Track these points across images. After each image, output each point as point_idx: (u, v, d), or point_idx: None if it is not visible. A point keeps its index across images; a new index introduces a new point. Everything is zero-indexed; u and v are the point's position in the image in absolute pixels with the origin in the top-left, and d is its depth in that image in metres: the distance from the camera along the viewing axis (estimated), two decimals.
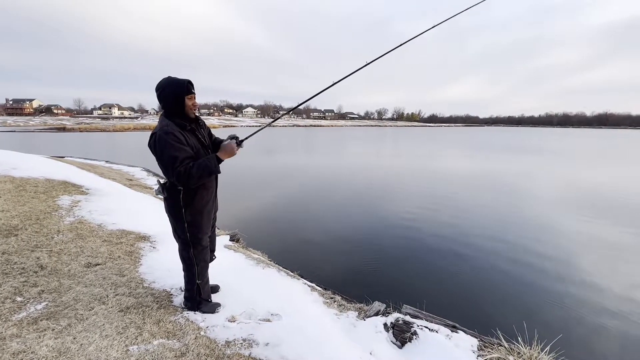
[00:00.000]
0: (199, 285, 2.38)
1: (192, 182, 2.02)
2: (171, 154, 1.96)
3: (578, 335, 3.36)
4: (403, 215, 7.35)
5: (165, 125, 2.02)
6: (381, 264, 4.87)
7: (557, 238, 6.05)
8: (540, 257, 5.18)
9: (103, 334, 1.99)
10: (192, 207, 2.18)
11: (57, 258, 2.97)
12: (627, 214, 7.67)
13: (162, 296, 2.58)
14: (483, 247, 5.54)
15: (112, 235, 3.71)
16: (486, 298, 4.02)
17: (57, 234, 3.51)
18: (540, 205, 8.44)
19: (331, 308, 2.81)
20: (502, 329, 2.36)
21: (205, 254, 2.38)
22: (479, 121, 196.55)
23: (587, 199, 9.22)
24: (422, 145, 31.06)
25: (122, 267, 2.98)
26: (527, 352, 2.13)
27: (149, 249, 3.54)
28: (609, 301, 3.96)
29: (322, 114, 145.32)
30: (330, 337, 2.30)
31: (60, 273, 2.72)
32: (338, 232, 6.23)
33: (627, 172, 14.80)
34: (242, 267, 3.43)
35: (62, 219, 3.99)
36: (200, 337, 2.11)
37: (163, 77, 2.05)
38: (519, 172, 14.33)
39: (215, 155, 2.14)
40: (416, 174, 13.59)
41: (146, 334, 2.06)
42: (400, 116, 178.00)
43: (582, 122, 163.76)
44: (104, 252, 3.25)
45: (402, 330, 2.36)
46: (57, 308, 2.22)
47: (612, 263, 5.06)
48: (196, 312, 2.40)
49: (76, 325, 2.06)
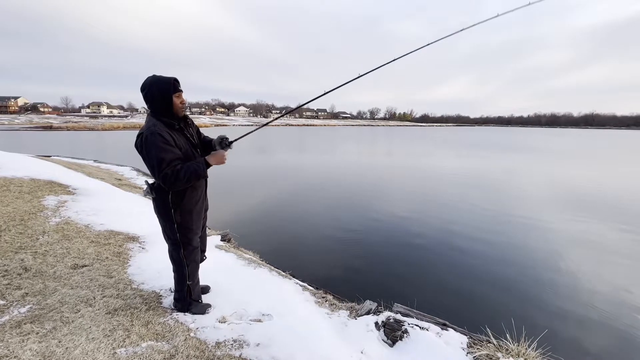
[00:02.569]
0: (189, 286, 2.35)
1: (178, 184, 1.98)
2: (158, 156, 1.92)
3: (562, 330, 3.43)
4: (394, 213, 7.40)
5: (153, 125, 1.98)
6: (373, 263, 4.90)
7: (543, 235, 6.16)
8: (527, 254, 5.27)
9: (89, 337, 1.95)
10: (182, 207, 2.16)
11: (42, 260, 2.90)
12: (613, 211, 7.87)
13: (151, 297, 2.54)
14: (473, 245, 5.61)
15: (99, 236, 3.64)
16: (476, 295, 4.07)
17: (42, 235, 3.43)
18: (528, 204, 8.59)
19: (323, 307, 2.80)
20: (491, 325, 2.39)
21: (195, 255, 2.35)
22: (469, 121, 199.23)
23: (573, 198, 9.42)
24: (414, 144, 31.30)
25: (110, 269, 2.92)
26: (515, 348, 2.16)
27: (138, 249, 3.48)
28: (591, 296, 4.06)
29: (315, 114, 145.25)
30: (321, 337, 2.30)
31: (45, 275, 2.66)
32: (330, 231, 6.23)
33: (615, 171, 15.17)
34: (233, 267, 3.40)
35: (48, 219, 3.90)
36: (190, 339, 2.09)
37: (148, 76, 2.02)
38: (508, 171, 14.57)
39: (204, 159, 2.11)
40: (407, 173, 13.69)
41: (134, 336, 2.02)
42: (393, 116, 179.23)
43: (570, 122, 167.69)
44: (91, 253, 3.18)
45: (393, 328, 2.37)
46: (41, 311, 2.17)
47: (596, 259, 5.18)
48: (186, 313, 2.38)
49: (61, 328, 2.01)
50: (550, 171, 14.68)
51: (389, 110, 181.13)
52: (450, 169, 14.74)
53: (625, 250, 5.53)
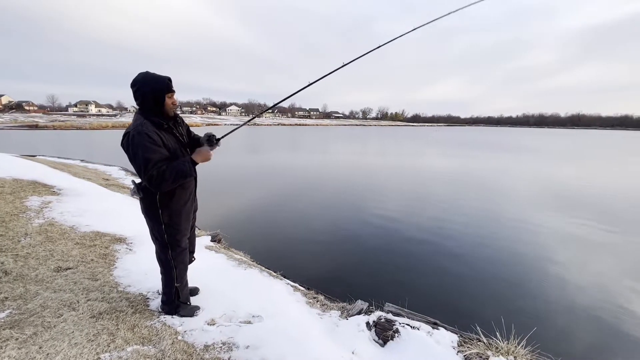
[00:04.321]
0: (177, 288, 2.30)
1: (165, 185, 1.93)
2: (145, 156, 1.86)
3: (551, 327, 3.49)
4: (386, 213, 7.42)
5: (140, 124, 1.92)
6: (364, 263, 4.90)
7: (533, 234, 6.26)
8: (517, 252, 5.35)
9: (72, 342, 1.89)
10: (170, 208, 2.10)
11: (24, 263, 2.81)
12: (601, 209, 8.05)
13: (138, 300, 2.48)
14: (463, 244, 5.67)
15: (85, 238, 3.54)
16: (466, 294, 4.10)
17: (24, 237, 3.32)
18: (518, 203, 8.73)
19: (314, 308, 2.78)
20: (481, 324, 2.40)
21: (184, 256, 2.30)
22: (460, 121, 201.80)
23: (562, 197, 9.61)
24: (405, 144, 31.51)
25: (95, 271, 2.84)
26: (505, 346, 2.17)
27: (125, 251, 3.40)
28: (578, 293, 4.14)
29: (307, 113, 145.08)
30: (312, 338, 2.27)
31: (27, 278, 2.57)
32: (321, 231, 6.22)
33: (604, 171, 15.54)
34: (223, 268, 3.35)
35: (31, 221, 3.78)
36: (178, 342, 2.04)
37: (139, 72, 1.95)
38: (499, 169, 14.78)
39: (190, 158, 2.06)
40: (398, 172, 13.77)
41: (119, 340, 1.96)
42: (385, 116, 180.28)
43: (557, 122, 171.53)
44: (76, 255, 3.09)
45: (384, 328, 2.36)
46: (22, 316, 2.09)
47: (584, 257, 5.29)
48: (174, 316, 2.32)
49: (42, 333, 1.94)
50: (540, 170, 14.95)
51: (381, 110, 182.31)
52: (441, 169, 14.88)
53: (612, 248, 5.66)
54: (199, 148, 2.16)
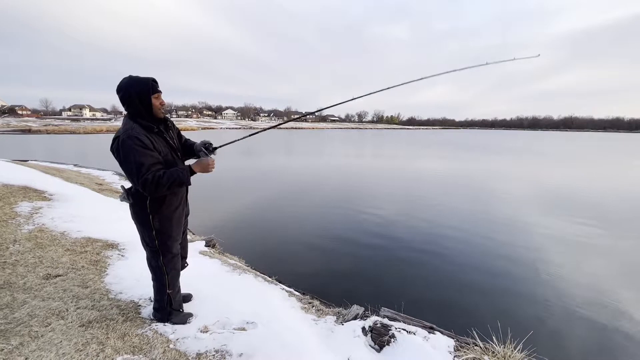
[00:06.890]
0: (169, 295, 2.25)
1: (159, 191, 1.90)
2: (137, 160, 1.83)
3: (547, 330, 3.48)
4: (381, 217, 7.41)
5: (130, 128, 1.89)
6: (360, 267, 4.87)
7: (529, 237, 6.29)
8: (513, 256, 5.35)
9: (60, 352, 1.84)
10: (160, 213, 2.07)
11: (12, 270, 2.74)
12: (596, 213, 8.11)
13: (129, 308, 2.42)
14: (459, 247, 5.66)
15: (75, 244, 3.48)
16: (463, 298, 4.09)
17: (12, 243, 3.25)
18: (513, 206, 8.77)
19: (309, 313, 2.75)
20: (477, 328, 2.39)
21: (176, 262, 2.25)
22: (455, 124, 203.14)
23: (558, 199, 9.68)
24: (401, 147, 31.64)
25: (85, 278, 2.78)
26: (501, 350, 2.16)
27: (117, 257, 3.34)
28: (574, 296, 4.14)
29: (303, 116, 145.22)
30: (307, 344, 2.24)
31: (15, 286, 2.51)
32: (316, 235, 6.18)
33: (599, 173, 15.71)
34: (217, 274, 3.30)
35: (20, 227, 3.71)
36: (169, 351, 1.99)
37: (123, 77, 1.93)
38: (493, 172, 14.88)
39: (189, 167, 2.04)
40: (393, 175, 13.80)
41: (109, 349, 1.91)
42: (380, 119, 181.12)
43: (550, 125, 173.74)
44: (66, 262, 3.03)
45: (380, 333, 2.33)
46: (8, 325, 2.03)
47: (579, 260, 5.31)
48: (166, 323, 2.28)
49: (29, 343, 1.89)
50: (536, 173, 15.08)
51: (377, 114, 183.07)
52: (436, 172, 14.94)
53: (606, 250, 5.70)
54: (201, 158, 2.13)
